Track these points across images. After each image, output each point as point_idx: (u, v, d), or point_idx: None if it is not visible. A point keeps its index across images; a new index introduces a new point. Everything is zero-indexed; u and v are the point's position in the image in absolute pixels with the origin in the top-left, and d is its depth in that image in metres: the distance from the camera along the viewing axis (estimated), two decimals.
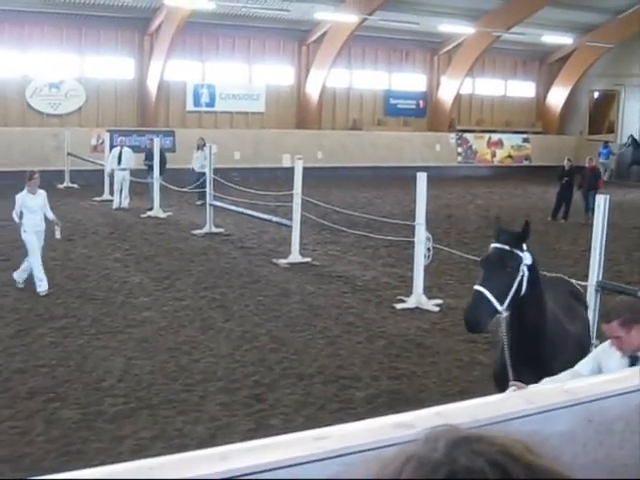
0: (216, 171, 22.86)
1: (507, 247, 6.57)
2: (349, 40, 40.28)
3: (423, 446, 1.31)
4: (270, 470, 2.34)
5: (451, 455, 1.26)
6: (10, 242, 20.01)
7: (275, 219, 20.17)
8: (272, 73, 42.16)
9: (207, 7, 34.94)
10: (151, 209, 25.45)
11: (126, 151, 27.70)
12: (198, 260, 18.62)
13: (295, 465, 2.39)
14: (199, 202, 27.06)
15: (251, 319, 13.80)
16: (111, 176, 27.84)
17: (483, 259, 6.76)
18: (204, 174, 26.74)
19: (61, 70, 37.15)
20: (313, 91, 42.33)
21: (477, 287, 6.51)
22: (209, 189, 22.41)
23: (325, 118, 43.55)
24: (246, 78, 41.61)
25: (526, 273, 6.54)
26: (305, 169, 19.11)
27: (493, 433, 1.35)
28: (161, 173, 25.96)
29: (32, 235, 15.24)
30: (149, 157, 27.00)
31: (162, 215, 25.07)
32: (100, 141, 34.59)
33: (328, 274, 17.65)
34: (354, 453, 2.48)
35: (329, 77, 42.01)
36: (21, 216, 15.29)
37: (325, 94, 42.64)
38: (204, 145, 28.09)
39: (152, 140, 27.73)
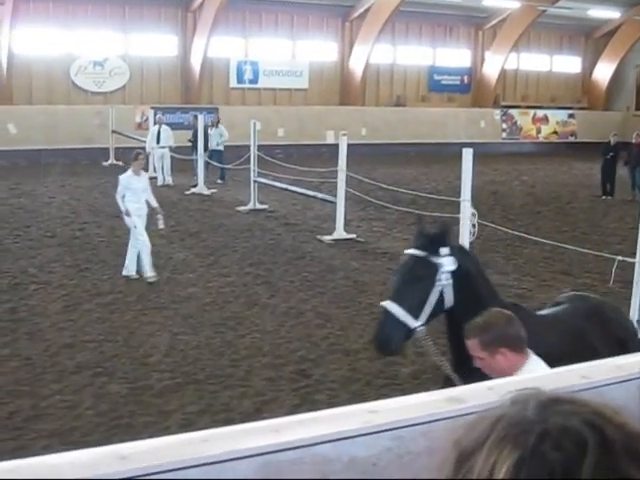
0: (260, 148, 22.86)
1: (420, 253, 5.77)
2: (393, 16, 40.04)
3: (511, 407, 1.28)
4: (319, 443, 2.33)
5: (543, 414, 1.23)
6: (57, 219, 20.23)
7: (320, 195, 20.15)
8: (315, 49, 42.07)
9: None
10: (195, 186, 25.54)
11: (164, 129, 27.81)
12: (243, 236, 18.67)
13: (344, 439, 2.38)
14: (220, 180, 27.18)
15: (296, 295, 13.82)
16: (150, 154, 27.95)
17: (395, 269, 6.14)
18: (220, 152, 26.89)
19: (105, 48, 37.33)
20: (357, 67, 42.17)
21: (384, 303, 5.77)
22: (253, 166, 22.43)
23: (369, 95, 43.40)
24: (289, 54, 41.55)
25: (448, 282, 5.69)
26: (349, 145, 19.06)
27: (579, 396, 1.32)
28: (205, 150, 26.05)
29: (137, 219, 14.52)
30: (194, 134, 27.10)
31: (206, 192, 25.15)
32: (144, 118, 34.77)
33: (373, 250, 17.61)
34: (404, 427, 2.46)
35: (373, 53, 41.82)
36: (123, 199, 14.56)
37: (369, 70, 42.46)
38: (218, 122, 28.25)
39: (196, 117, 27.82)
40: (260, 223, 20.49)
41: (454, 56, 45.94)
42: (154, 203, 14.84)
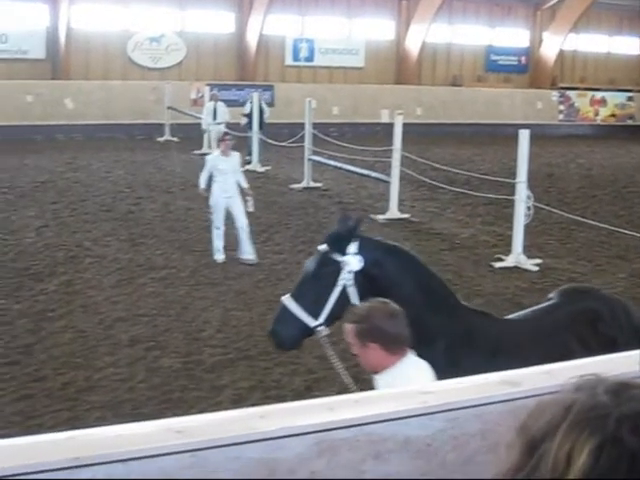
0: (314, 126, 22.84)
1: (325, 249, 5.49)
2: None
3: (580, 392, 1.26)
4: (374, 423, 2.33)
5: (617, 399, 1.21)
6: (112, 193, 20.42)
7: (373, 174, 20.07)
8: (371, 27, 41.87)
9: None
10: (249, 163, 25.58)
11: (220, 105, 27.91)
12: (296, 214, 18.69)
13: (399, 419, 2.37)
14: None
15: None
16: (207, 131, 28.06)
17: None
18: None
19: (162, 24, 37.52)
20: (413, 46, 41.92)
21: (284, 297, 5.54)
22: (307, 144, 22.43)
23: (424, 74, 43.13)
24: (345, 32, 41.40)
25: (351, 282, 5.35)
26: (404, 125, 18.97)
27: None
28: (260, 128, 26.09)
29: (221, 201, 14.25)
30: (249, 111, 27.14)
31: (260, 169, 25.20)
32: (200, 95, 34.87)
33: (426, 231, 17.55)
34: (458, 409, 2.46)
35: (429, 32, 41.53)
36: (210, 180, 14.40)
37: (425, 49, 42.19)
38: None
39: (251, 94, 27.86)
40: (313, 201, 20.49)
41: (512, 36, 45.43)
42: (244, 184, 14.58)
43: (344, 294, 5.36)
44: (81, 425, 7.74)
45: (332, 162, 21.88)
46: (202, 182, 14.53)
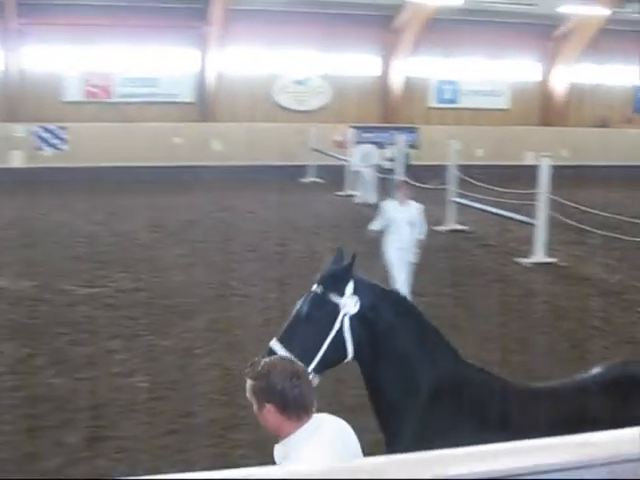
0: (458, 168, 22.73)
1: (319, 289, 4.96)
2: (597, 34, 39.04)
3: None
4: (535, 473, 2.26)
5: None
6: (258, 233, 20.73)
7: (519, 217, 19.78)
8: (516, 69, 41.52)
9: (455, 3, 34.92)
10: None
11: (370, 147, 28.13)
12: (440, 256, 18.55)
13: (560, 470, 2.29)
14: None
15: (494, 319, 13.60)
16: (355, 172, 28.27)
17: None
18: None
19: (307, 67, 38.12)
20: (558, 87, 41.33)
21: (272, 342, 4.96)
22: (451, 185, 22.33)
23: (570, 115, 42.40)
24: (489, 74, 41.16)
25: (346, 326, 4.87)
26: (549, 167, 18.69)
27: None
28: (406, 169, 26.11)
29: (393, 252, 13.58)
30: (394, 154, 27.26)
31: None
32: (343, 137, 35.19)
33: (573, 275, 17.16)
34: (623, 462, 2.36)
35: (575, 72, 40.90)
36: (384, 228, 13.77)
37: (572, 90, 41.53)
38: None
39: (396, 137, 27.99)
40: (457, 243, 20.35)
41: None
42: (421, 236, 13.80)
43: (339, 339, 4.87)
44: (226, 463, 7.84)
45: (476, 204, 21.69)
46: (374, 226, 13.98)
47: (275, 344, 4.89)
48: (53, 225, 21.71)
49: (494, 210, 20.94)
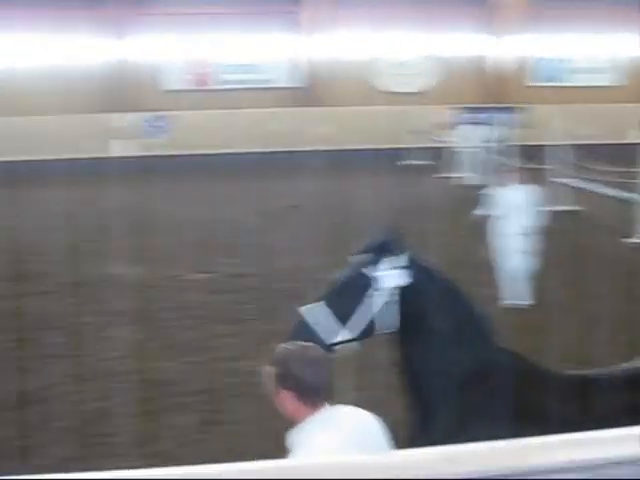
0: (563, 148, 22.29)
1: (358, 261, 4.96)
2: None
3: None
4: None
5: None
6: (361, 215, 20.67)
7: (627, 196, 19.26)
8: (620, 45, 40.59)
9: None
10: None
11: (472, 128, 27.87)
12: (546, 238, 17.80)
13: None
14: None
15: (603, 299, 13.22)
16: (457, 154, 28.04)
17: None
18: None
19: (407, 49, 37.90)
20: None
21: (319, 304, 4.86)
22: (558, 166, 21.93)
23: None
24: (592, 51, 40.31)
25: (386, 300, 4.80)
26: None
27: None
28: (504, 150, 25.82)
29: (501, 238, 12.93)
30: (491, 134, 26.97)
31: None
32: (444, 118, 34.92)
33: None
34: None
35: None
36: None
37: None
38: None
39: (495, 117, 27.68)
40: (564, 224, 19.89)
41: None
42: (537, 221, 13.09)
43: (387, 309, 4.82)
44: None
45: (582, 184, 21.24)
46: (480, 210, 13.42)
47: (322, 306, 4.82)
48: (160, 212, 22.08)
49: (601, 189, 20.49)
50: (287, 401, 4.04)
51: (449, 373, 4.83)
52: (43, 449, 8.17)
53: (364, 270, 4.87)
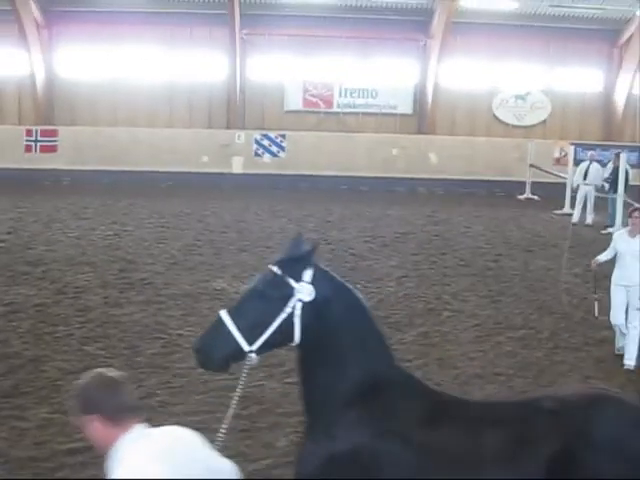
0: None
1: (278, 270, 4.88)
2: None
3: None
4: None
5: None
6: (471, 248, 20.43)
7: None
8: None
9: None
10: (611, 226, 24.63)
11: (594, 166, 27.28)
12: None
13: None
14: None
15: None
16: (575, 190, 27.47)
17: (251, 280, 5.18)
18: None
19: (528, 82, 37.45)
20: None
21: (222, 312, 4.86)
22: None
23: None
24: None
25: (298, 311, 4.79)
26: None
27: None
28: (625, 190, 25.11)
29: (617, 289, 12.01)
30: (612, 172, 26.26)
31: None
32: (563, 154, 34.32)
33: None
34: None
35: None
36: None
37: None
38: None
39: (617, 155, 26.96)
40: None
41: None
42: None
43: (288, 323, 4.80)
44: None
45: None
46: (601, 257, 12.50)
47: (225, 315, 4.82)
48: (269, 230, 22.19)
49: None
50: (95, 429, 4.08)
51: (340, 386, 4.81)
52: None
53: (278, 280, 4.85)
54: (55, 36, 35.67)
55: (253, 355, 4.81)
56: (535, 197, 32.12)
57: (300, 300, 4.80)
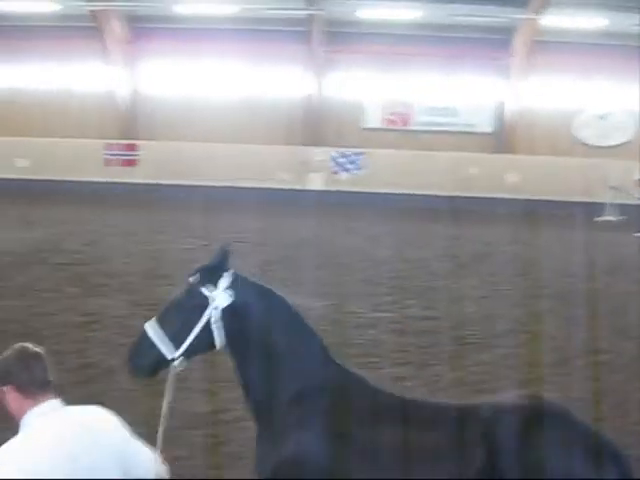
0: None
1: (194, 280, 5.02)
2: None
3: None
4: None
5: None
6: (551, 271, 20.10)
7: None
8: None
9: None
10: None
11: None
12: None
13: None
14: None
15: None
16: None
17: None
18: None
19: (611, 101, 36.92)
20: None
21: (148, 324, 5.03)
22: None
23: None
24: None
25: (216, 318, 4.90)
26: None
27: None
28: None
29: None
30: None
31: None
32: None
33: None
34: None
35: None
36: None
37: None
38: None
39: None
40: None
41: None
42: None
43: (207, 330, 4.94)
44: None
45: None
46: None
47: (150, 325, 5.00)
48: (345, 247, 22.12)
49: None
50: (10, 399, 4.25)
51: (275, 389, 4.91)
52: (208, 471, 8.15)
53: (193, 289, 4.99)
54: (138, 52, 36.27)
55: (178, 361, 4.95)
56: (618, 219, 31.54)
57: (217, 307, 4.93)
